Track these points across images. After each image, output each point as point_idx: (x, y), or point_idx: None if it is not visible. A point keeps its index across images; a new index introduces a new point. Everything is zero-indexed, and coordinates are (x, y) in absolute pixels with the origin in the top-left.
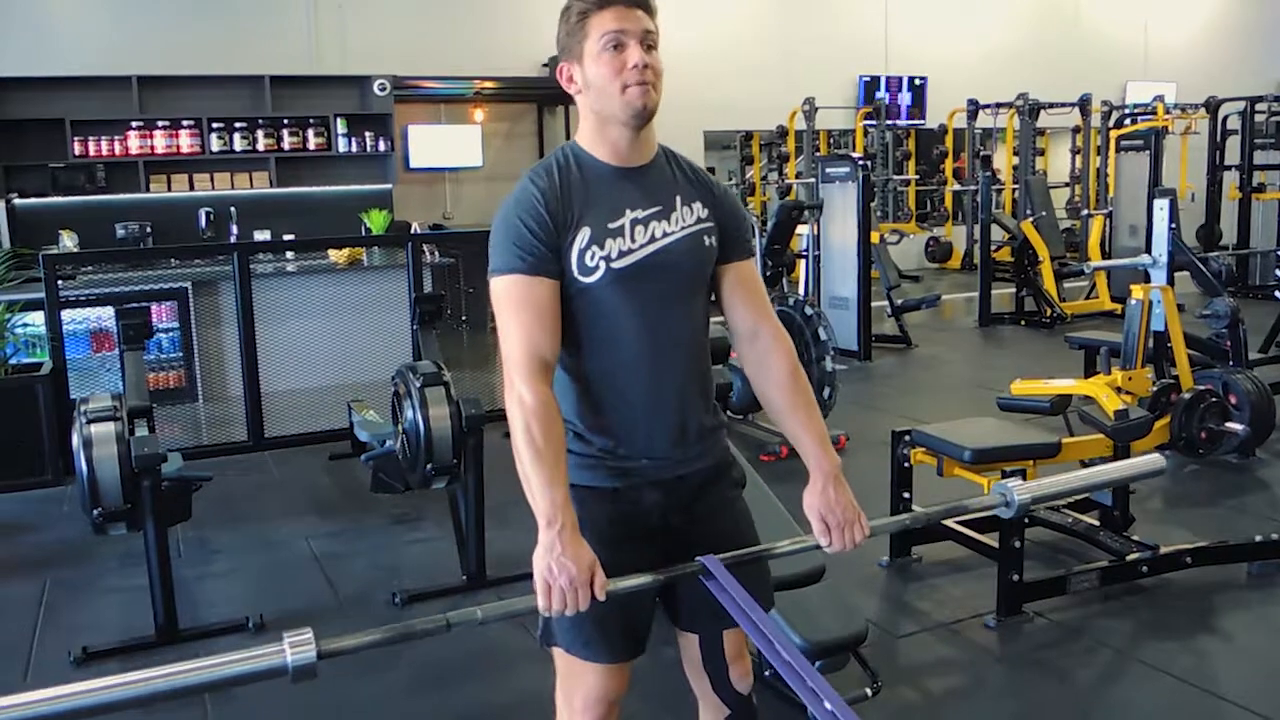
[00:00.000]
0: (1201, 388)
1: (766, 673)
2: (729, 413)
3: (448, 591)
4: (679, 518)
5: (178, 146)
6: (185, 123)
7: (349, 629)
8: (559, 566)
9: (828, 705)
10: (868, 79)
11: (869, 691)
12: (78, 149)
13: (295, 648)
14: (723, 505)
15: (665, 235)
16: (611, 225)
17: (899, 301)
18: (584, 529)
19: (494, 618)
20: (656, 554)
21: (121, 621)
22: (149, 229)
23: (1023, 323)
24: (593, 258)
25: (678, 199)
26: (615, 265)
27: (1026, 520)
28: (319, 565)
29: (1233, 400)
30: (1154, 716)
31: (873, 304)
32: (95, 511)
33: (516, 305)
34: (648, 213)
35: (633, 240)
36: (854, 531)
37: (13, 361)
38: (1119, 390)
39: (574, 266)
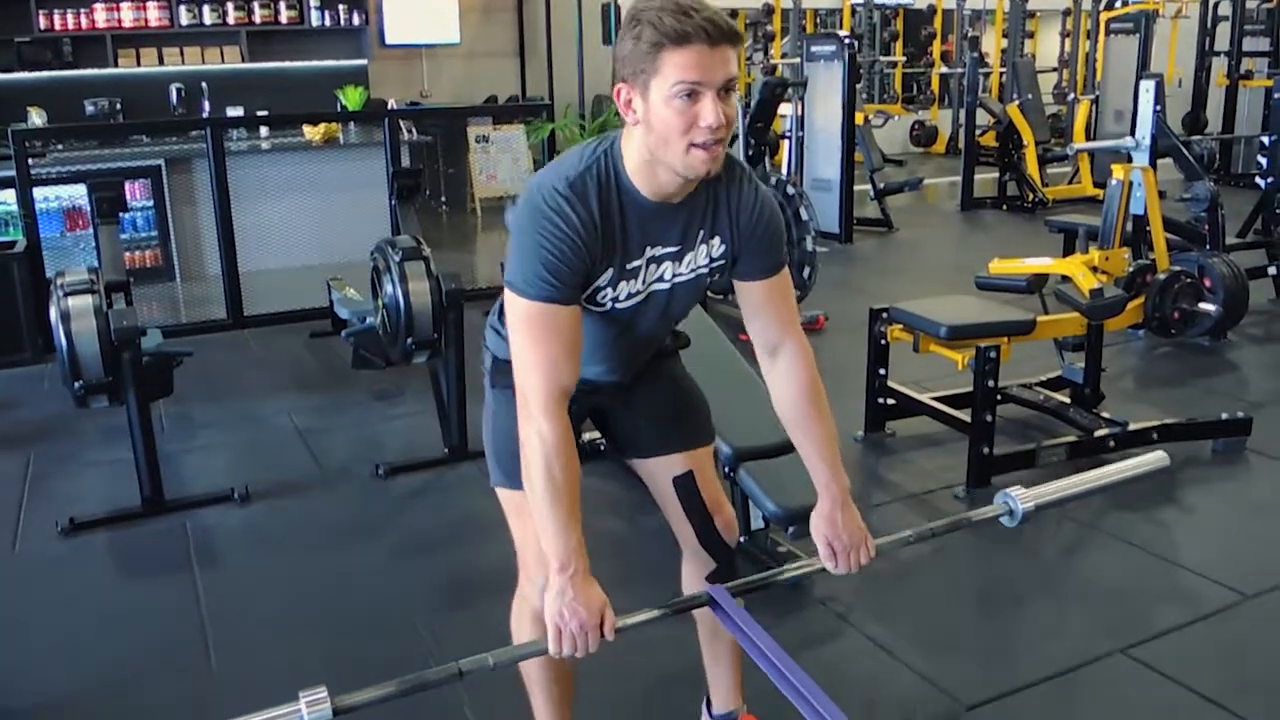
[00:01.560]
0: (1177, 269)
1: (742, 538)
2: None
3: (430, 464)
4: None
5: (145, 19)
6: None
7: (333, 500)
8: (570, 612)
9: None
10: None
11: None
12: (43, 23)
13: (311, 706)
14: (661, 360)
15: (674, 276)
16: (630, 266)
17: (882, 184)
18: None
19: (505, 663)
20: (595, 398)
21: (107, 494)
22: (119, 105)
23: (1004, 207)
24: (604, 297)
25: (700, 235)
26: (619, 305)
27: (999, 397)
28: (302, 439)
29: (1207, 283)
30: (1115, 584)
31: (855, 187)
32: (76, 384)
33: (542, 333)
34: (666, 251)
35: (642, 283)
36: (860, 554)
37: None
38: (1095, 270)
39: (583, 297)
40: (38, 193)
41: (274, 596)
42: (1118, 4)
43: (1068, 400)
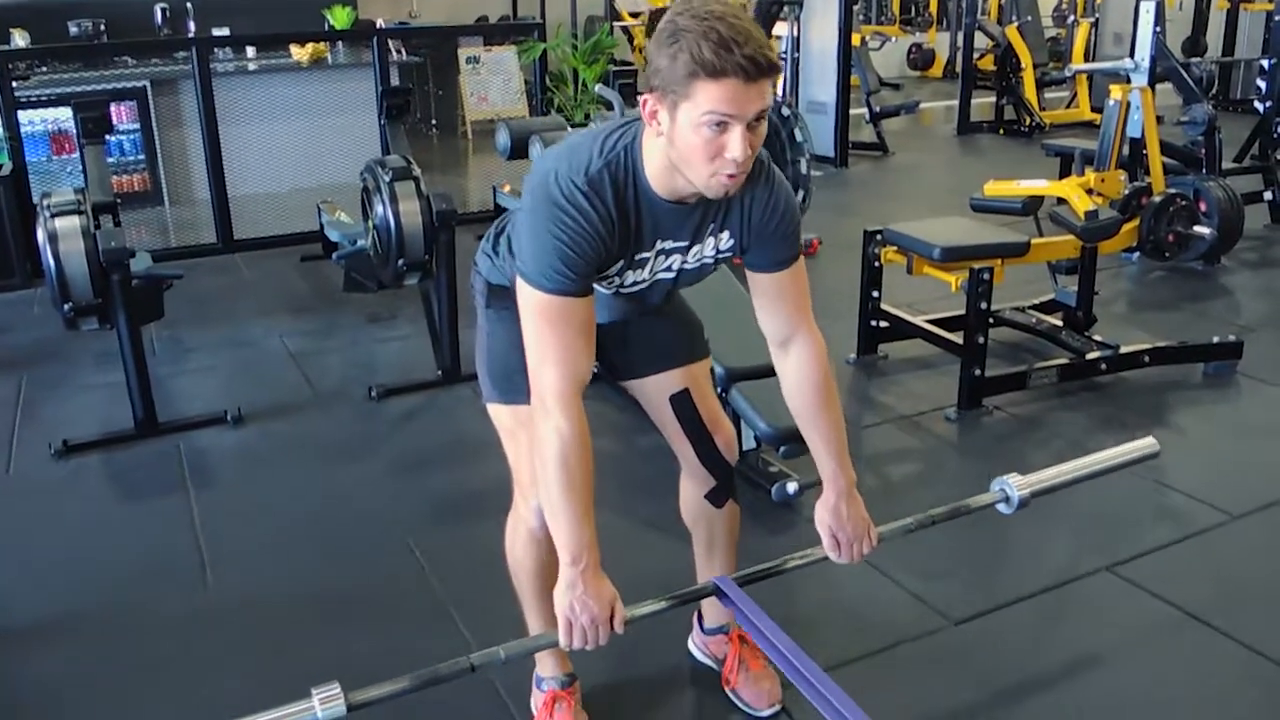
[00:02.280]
0: (1173, 192)
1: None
2: None
3: (423, 386)
4: None
5: None
6: None
7: (327, 422)
8: (580, 605)
9: (848, 716)
10: None
11: None
12: None
13: (325, 702)
14: None
15: (681, 265)
16: (640, 256)
17: (878, 108)
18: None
19: (516, 655)
20: None
21: (100, 416)
22: (103, 27)
23: (1001, 131)
24: (609, 284)
25: (709, 229)
26: (623, 290)
27: (991, 320)
28: (294, 362)
29: (1203, 206)
30: (1104, 504)
31: (851, 110)
32: (66, 306)
33: (558, 324)
34: (675, 245)
35: (649, 272)
36: (863, 545)
37: None
38: (1091, 192)
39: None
40: (23, 116)
41: (267, 516)
42: None
43: (1060, 323)
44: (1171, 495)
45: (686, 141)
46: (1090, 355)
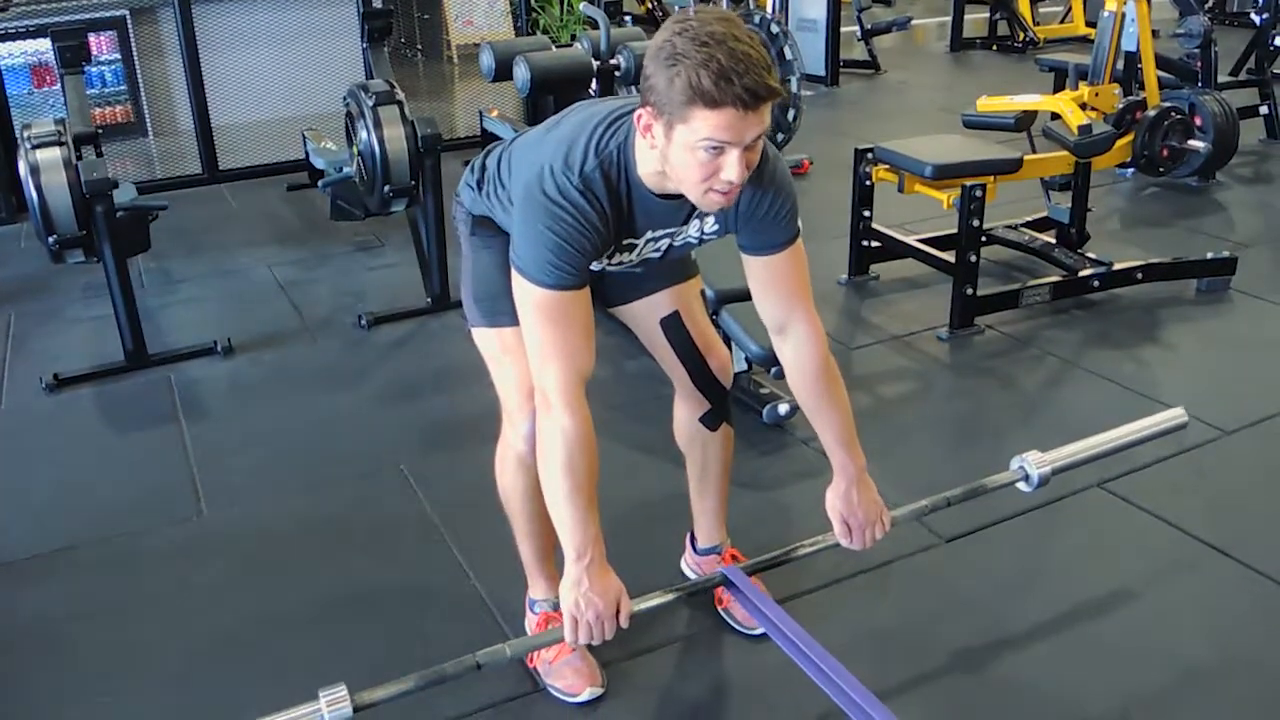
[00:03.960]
0: (1167, 105)
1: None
2: None
3: (412, 314)
4: None
5: None
6: None
7: (316, 350)
8: (586, 602)
9: (856, 698)
10: None
11: None
12: None
13: (331, 705)
14: None
15: (669, 245)
16: (628, 242)
17: (869, 25)
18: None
19: (521, 652)
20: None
21: (90, 349)
22: None
23: (995, 48)
24: (599, 265)
25: (694, 213)
26: (610, 269)
27: (983, 238)
28: (283, 291)
29: (1198, 121)
30: (1095, 419)
31: (842, 27)
32: (51, 239)
33: (557, 320)
34: (663, 232)
35: (636, 255)
36: (875, 530)
37: None
38: (1084, 106)
39: None
40: (2, 49)
41: (260, 445)
42: None
43: (1053, 241)
44: (1161, 409)
45: (681, 161)
46: (1083, 273)
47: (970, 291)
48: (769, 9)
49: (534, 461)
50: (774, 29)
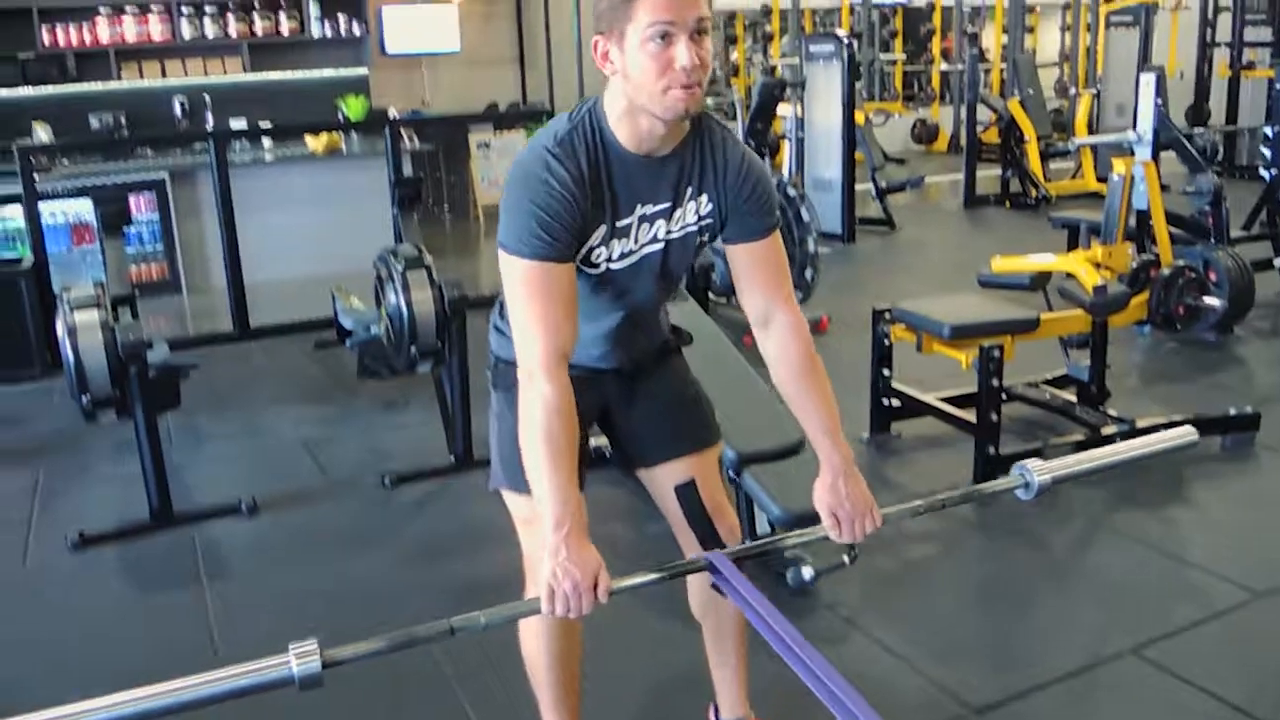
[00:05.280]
0: (1181, 263)
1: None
2: (710, 294)
3: (436, 473)
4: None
5: (148, 34)
6: (154, 7)
7: (340, 510)
8: (563, 571)
9: (848, 703)
10: None
11: (846, 559)
12: (47, 39)
13: (300, 658)
14: (664, 358)
15: (667, 235)
16: (621, 224)
17: (883, 183)
18: None
19: (497, 622)
20: (599, 393)
21: (116, 507)
22: (123, 119)
23: (1007, 204)
24: (598, 256)
25: (688, 192)
26: (614, 266)
27: (1004, 395)
28: (308, 450)
29: (1212, 277)
30: (1124, 580)
31: (857, 186)
32: (84, 398)
33: (539, 292)
34: (656, 209)
35: (635, 242)
36: (865, 522)
37: None
38: (1098, 266)
39: (579, 259)
40: (44, 208)
41: (282, 606)
42: None
43: (1074, 398)
44: (1193, 572)
45: (637, 64)
46: (1106, 430)
47: (993, 451)
48: (785, 172)
49: (560, 630)
50: (790, 192)
